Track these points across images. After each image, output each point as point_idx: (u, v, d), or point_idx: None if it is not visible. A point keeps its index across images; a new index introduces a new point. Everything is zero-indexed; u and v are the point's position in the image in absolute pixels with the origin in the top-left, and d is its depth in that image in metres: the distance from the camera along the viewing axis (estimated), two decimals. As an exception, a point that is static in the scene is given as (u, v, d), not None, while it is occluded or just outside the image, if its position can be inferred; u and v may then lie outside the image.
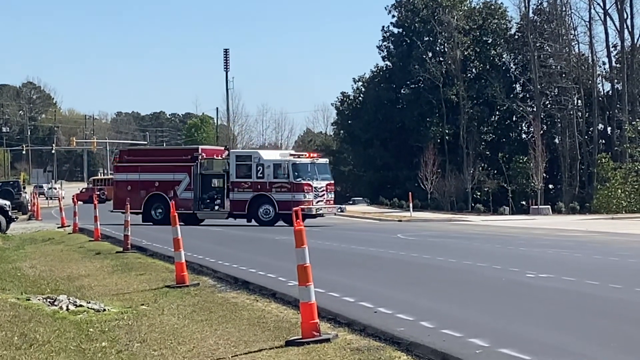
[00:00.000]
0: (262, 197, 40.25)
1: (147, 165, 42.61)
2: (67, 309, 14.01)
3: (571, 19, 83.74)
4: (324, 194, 41.24)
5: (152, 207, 41.78)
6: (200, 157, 42.33)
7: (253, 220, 40.28)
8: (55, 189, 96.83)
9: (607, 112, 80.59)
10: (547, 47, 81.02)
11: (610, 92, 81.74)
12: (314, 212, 40.67)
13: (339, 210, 45.20)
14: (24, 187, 76.82)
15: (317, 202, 40.55)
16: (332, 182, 42.83)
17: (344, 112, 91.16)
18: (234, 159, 41.68)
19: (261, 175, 40.38)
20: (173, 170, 42.09)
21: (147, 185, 42.13)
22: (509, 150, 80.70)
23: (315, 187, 40.53)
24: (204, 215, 42.02)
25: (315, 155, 43.00)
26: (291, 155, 42.42)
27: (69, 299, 14.68)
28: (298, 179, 40.08)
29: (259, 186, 40.39)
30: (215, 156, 43.48)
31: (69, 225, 37.60)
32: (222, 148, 48.23)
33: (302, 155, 42.54)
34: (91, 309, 14.05)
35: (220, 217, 41.57)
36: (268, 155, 42.53)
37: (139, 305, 14.37)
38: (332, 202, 42.67)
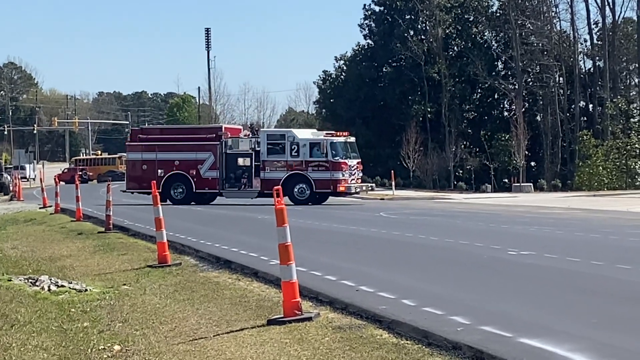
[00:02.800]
0: (297, 176, 40.12)
1: (165, 145, 42.00)
2: (49, 290, 13.99)
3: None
4: (355, 173, 41.37)
5: (172, 186, 41.37)
6: (224, 136, 42.01)
7: (287, 199, 39.98)
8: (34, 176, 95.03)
9: (589, 90, 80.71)
10: (529, 25, 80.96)
11: (592, 69, 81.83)
12: (352, 191, 41.06)
13: (370, 189, 45.44)
14: (5, 168, 76.55)
15: (351, 181, 40.66)
16: (360, 160, 42.75)
17: (326, 90, 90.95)
18: (265, 138, 41.33)
19: (296, 154, 40.14)
20: (196, 149, 41.51)
21: (165, 164, 41.54)
22: (490, 128, 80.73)
23: (349, 166, 40.59)
24: (230, 194, 41.66)
25: (346, 134, 42.70)
26: (326, 134, 42.17)
27: (50, 280, 14.65)
28: (336, 158, 40.04)
29: (293, 165, 40.24)
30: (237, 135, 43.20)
31: (50, 206, 37.50)
32: (240, 127, 48.17)
33: (334, 134, 42.19)
34: (73, 289, 14.03)
35: (248, 196, 41.26)
36: (302, 134, 42.33)
37: (120, 285, 14.36)
38: (360, 180, 42.83)
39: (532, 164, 79.92)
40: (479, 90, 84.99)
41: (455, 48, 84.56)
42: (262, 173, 40.50)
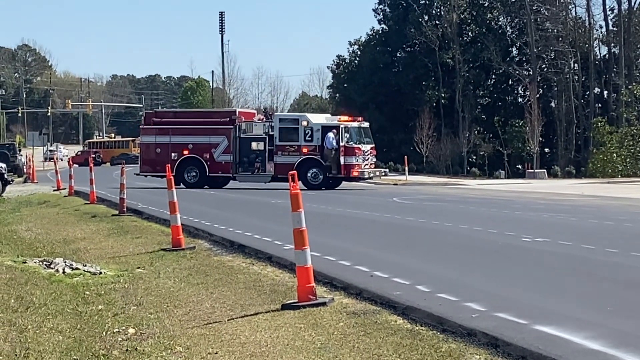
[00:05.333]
0: (310, 160, 39.96)
1: (179, 128, 41.92)
2: (64, 272, 14.02)
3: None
4: (369, 158, 41.29)
5: (185, 170, 41.32)
6: (238, 120, 41.99)
7: (300, 183, 39.86)
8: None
9: (604, 76, 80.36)
10: (544, 11, 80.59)
11: (607, 55, 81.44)
12: (366, 176, 40.99)
13: (383, 174, 45.33)
14: (20, 150, 76.75)
15: (364, 166, 40.59)
16: (374, 145, 42.63)
17: (340, 75, 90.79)
18: (278, 122, 41.23)
19: (310, 138, 40.00)
20: (209, 133, 41.40)
21: (179, 148, 41.47)
22: (504, 114, 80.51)
23: (363, 151, 40.52)
24: (244, 178, 41.58)
25: (360, 119, 42.52)
26: (340, 119, 42.00)
27: (65, 262, 14.69)
28: (350, 143, 39.95)
29: (307, 150, 40.18)
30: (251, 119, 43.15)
31: (64, 188, 37.58)
32: (254, 111, 48.03)
33: (348, 119, 41.96)
34: (87, 272, 14.06)
35: (262, 180, 41.17)
36: (316, 118, 42.22)
37: (135, 269, 14.38)
38: (374, 165, 42.75)
39: (546, 150, 79.70)
40: (493, 76, 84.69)
41: (470, 33, 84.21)
42: (276, 157, 40.46)
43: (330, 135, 39.38)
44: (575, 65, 79.86)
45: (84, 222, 23.27)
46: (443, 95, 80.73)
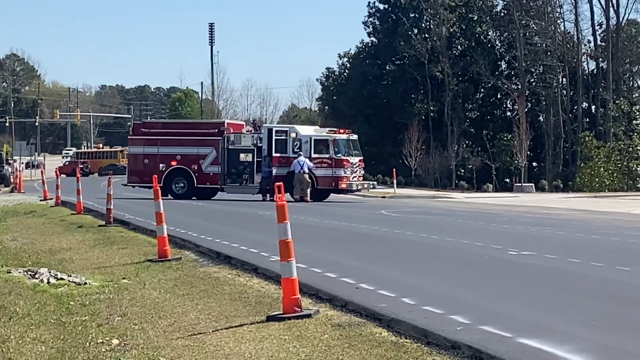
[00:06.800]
0: None
1: (168, 139, 41.85)
2: (48, 282, 13.96)
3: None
4: (357, 170, 41.32)
5: (173, 181, 41.29)
6: (227, 131, 41.91)
7: (288, 195, 39.80)
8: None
9: (592, 91, 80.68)
10: (533, 25, 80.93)
11: (595, 70, 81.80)
12: (354, 188, 41.01)
13: (372, 186, 45.35)
14: (7, 160, 76.54)
15: (352, 178, 40.61)
16: (362, 158, 42.70)
17: (329, 87, 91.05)
18: (267, 134, 41.22)
19: (298, 150, 39.98)
20: (198, 144, 41.46)
21: (167, 158, 41.46)
22: (493, 128, 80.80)
23: (352, 163, 40.52)
24: (232, 190, 41.59)
25: (349, 131, 42.56)
26: (329, 131, 42.05)
27: (49, 272, 14.63)
28: (338, 155, 39.99)
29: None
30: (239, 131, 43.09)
31: (51, 198, 37.48)
32: (243, 123, 48.02)
33: (336, 131, 42.01)
34: (72, 282, 14.00)
35: (249, 192, 41.20)
36: (305, 130, 42.23)
37: (120, 279, 14.33)
38: (362, 178, 42.78)
39: (534, 164, 79.99)
40: (482, 90, 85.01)
41: (459, 47, 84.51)
42: (264, 169, 40.43)
43: (304, 160, 39.18)
44: (564, 79, 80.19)
45: (70, 233, 23.20)
46: (432, 108, 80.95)
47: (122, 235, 21.40)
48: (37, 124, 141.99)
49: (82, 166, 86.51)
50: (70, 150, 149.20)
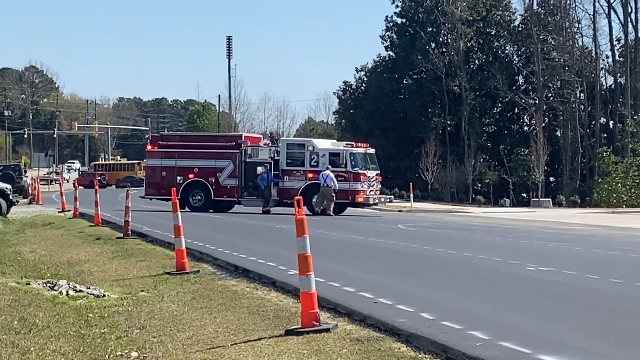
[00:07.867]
0: (315, 185, 39.80)
1: (185, 152, 41.94)
2: (67, 294, 14.00)
3: (575, 11, 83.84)
4: (374, 184, 41.33)
5: (191, 193, 41.33)
6: (244, 144, 41.99)
7: (305, 208, 39.45)
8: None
9: (610, 106, 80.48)
10: (551, 40, 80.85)
11: (613, 85, 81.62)
12: (371, 202, 41.02)
13: (388, 200, 45.33)
14: (25, 171, 76.92)
15: (369, 192, 40.61)
16: (379, 172, 42.73)
17: (346, 101, 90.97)
18: (284, 147, 41.29)
19: (315, 163, 40.02)
20: (215, 157, 41.49)
21: (185, 171, 41.52)
22: (510, 143, 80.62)
23: (368, 177, 40.53)
24: (249, 203, 41.54)
25: (366, 145, 42.60)
26: (346, 144, 42.08)
27: (68, 284, 14.67)
28: (355, 169, 40.00)
29: (312, 175, 40.08)
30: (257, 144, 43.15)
31: (69, 210, 37.61)
32: (260, 136, 48.09)
33: (353, 144, 42.08)
34: (91, 294, 14.04)
35: (266, 205, 41.21)
36: (322, 144, 42.26)
37: (138, 292, 14.36)
38: (379, 192, 42.76)
39: (551, 179, 79.76)
40: (499, 104, 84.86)
41: (477, 61, 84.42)
42: (281, 182, 40.48)
43: (328, 173, 39.14)
44: (581, 94, 80.00)
45: (88, 245, 23.26)
46: (449, 122, 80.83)
47: (140, 248, 21.45)
48: (55, 135, 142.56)
49: (99, 178, 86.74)
50: (74, 162, 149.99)
